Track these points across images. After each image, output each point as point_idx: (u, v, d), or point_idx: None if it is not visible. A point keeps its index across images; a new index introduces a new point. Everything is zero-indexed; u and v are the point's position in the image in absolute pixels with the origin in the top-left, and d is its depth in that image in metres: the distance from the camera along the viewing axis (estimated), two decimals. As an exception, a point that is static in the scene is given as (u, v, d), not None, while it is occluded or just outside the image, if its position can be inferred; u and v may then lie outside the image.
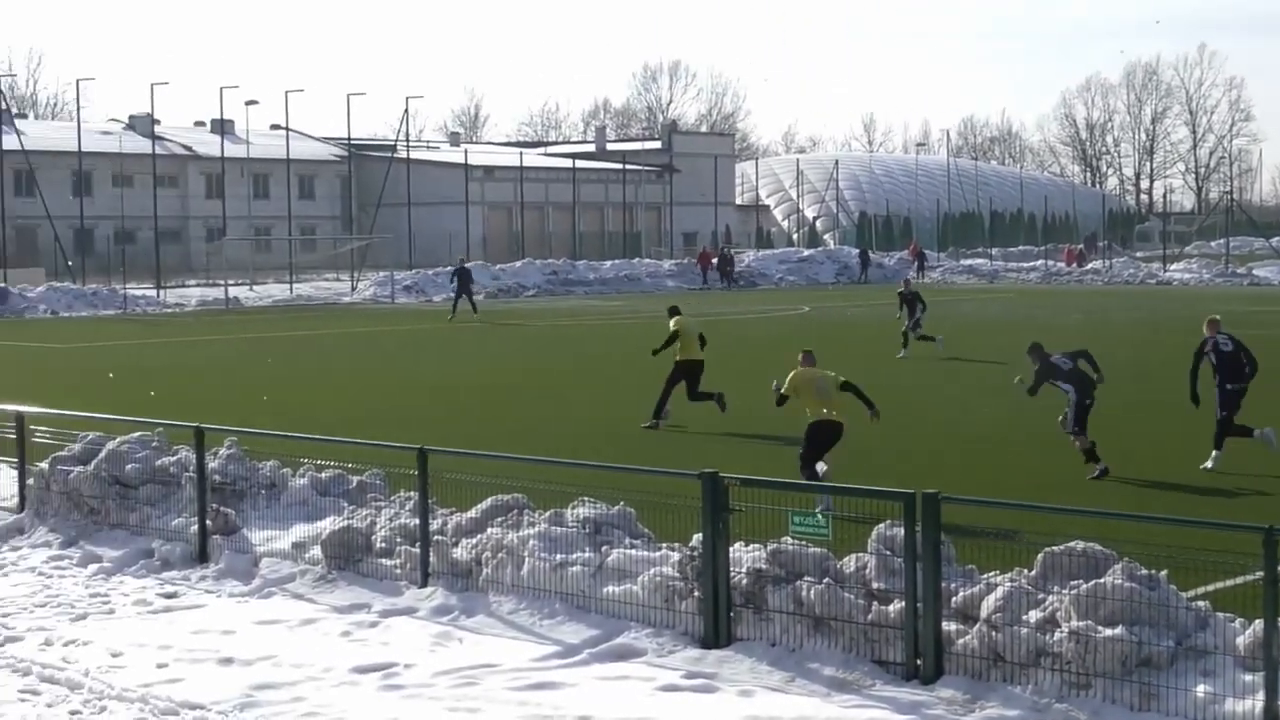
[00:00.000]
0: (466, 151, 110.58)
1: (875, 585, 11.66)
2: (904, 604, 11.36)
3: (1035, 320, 51.74)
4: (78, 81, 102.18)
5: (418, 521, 14.25)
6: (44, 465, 17.49)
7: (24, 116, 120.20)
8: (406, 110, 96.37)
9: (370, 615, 13.54)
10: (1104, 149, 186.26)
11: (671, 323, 25.79)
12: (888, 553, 11.71)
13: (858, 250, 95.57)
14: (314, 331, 50.41)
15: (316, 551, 14.81)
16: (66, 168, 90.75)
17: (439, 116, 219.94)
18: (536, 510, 14.03)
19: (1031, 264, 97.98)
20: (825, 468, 17.63)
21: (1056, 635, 10.75)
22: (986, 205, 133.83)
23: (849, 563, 11.94)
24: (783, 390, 18.04)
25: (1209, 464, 19.93)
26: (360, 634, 13.04)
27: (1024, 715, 10.55)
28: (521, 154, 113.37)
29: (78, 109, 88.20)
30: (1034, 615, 10.94)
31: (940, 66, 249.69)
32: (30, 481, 17.59)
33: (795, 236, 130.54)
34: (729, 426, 24.48)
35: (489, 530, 13.95)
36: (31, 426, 18.44)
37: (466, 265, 58.71)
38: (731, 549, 12.35)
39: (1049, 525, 11.79)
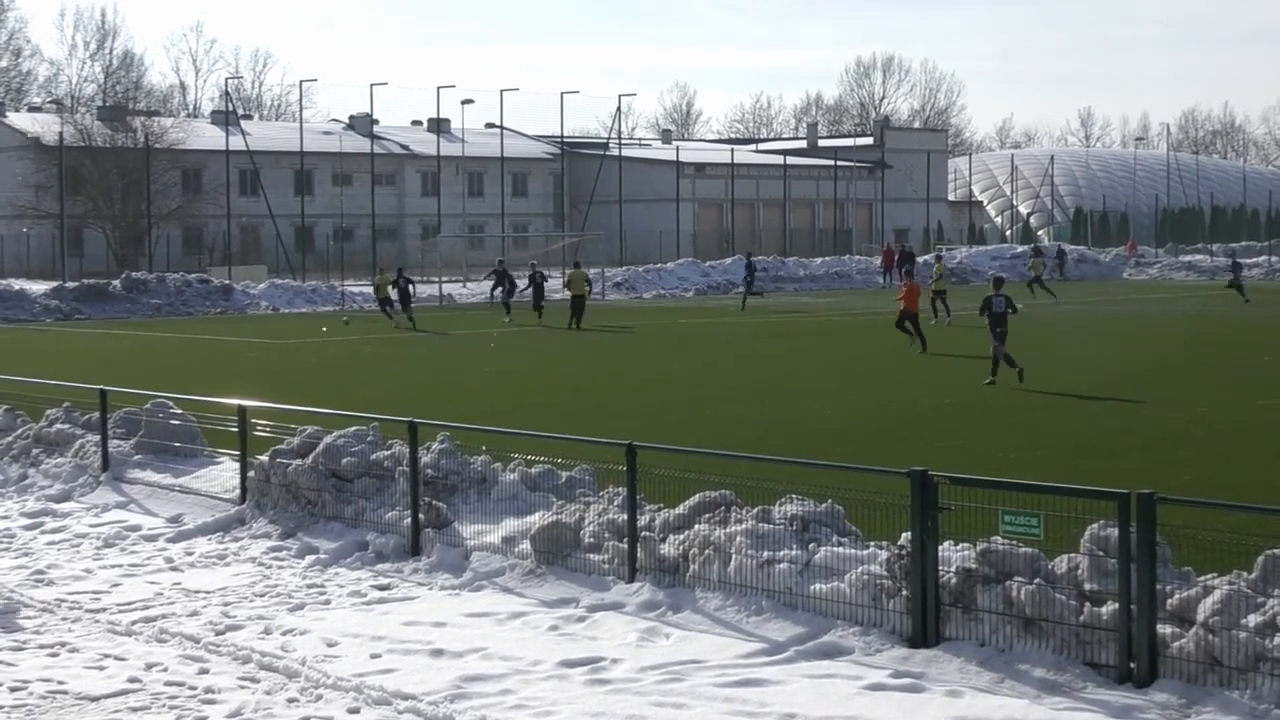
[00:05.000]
0: (678, 149, 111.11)
1: (1088, 586, 11.45)
2: (1117, 606, 11.14)
3: (1260, 318, 50.47)
4: (300, 83, 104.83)
5: (626, 517, 14.31)
6: (264, 458, 17.91)
7: (249, 118, 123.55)
8: (619, 108, 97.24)
9: (578, 610, 13.63)
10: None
11: None
12: (1101, 554, 11.49)
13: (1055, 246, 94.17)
14: (523, 327, 50.92)
15: (526, 546, 14.95)
16: (289, 167, 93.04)
17: (651, 114, 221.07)
18: (744, 507, 14.01)
19: (1254, 260, 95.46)
20: None
21: (1277, 640, 10.46)
22: (1207, 200, 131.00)
23: (1061, 563, 11.74)
24: None
25: None
26: (568, 628, 13.14)
27: (1242, 722, 10.30)
28: (733, 151, 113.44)
29: (300, 110, 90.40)
30: (1253, 619, 10.66)
31: (1160, 58, 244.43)
32: (251, 474, 18.03)
33: (1009, 233, 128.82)
34: (938, 424, 24.26)
35: (696, 526, 13.97)
36: (253, 420, 18.90)
37: (505, 266, 58.45)
38: (940, 548, 12.22)
39: (1270, 527, 11.47)
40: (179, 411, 20.98)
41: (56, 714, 11.14)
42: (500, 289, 56.22)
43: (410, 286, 53.00)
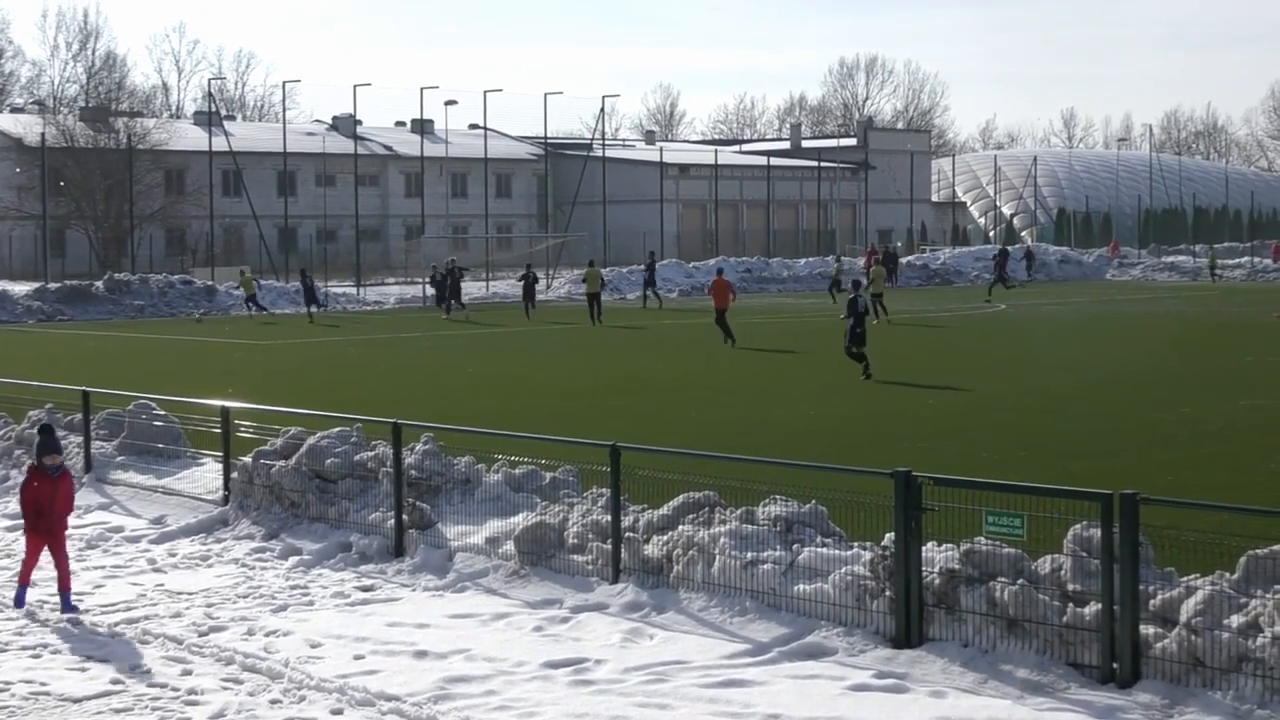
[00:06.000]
0: (662, 149, 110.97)
1: (1071, 587, 11.47)
2: (1100, 606, 11.15)
3: (1238, 317, 50.60)
4: (284, 84, 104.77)
5: (610, 518, 14.31)
6: (247, 459, 17.88)
7: (232, 118, 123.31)
8: (603, 109, 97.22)
9: (562, 611, 13.63)
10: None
11: None
12: (1084, 554, 11.51)
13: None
14: (506, 329, 50.94)
15: (510, 547, 14.95)
16: (272, 168, 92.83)
17: (635, 115, 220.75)
18: (728, 508, 14.01)
19: (1237, 260, 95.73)
20: None
21: (1259, 640, 10.48)
22: (1190, 201, 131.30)
23: (1044, 563, 11.76)
24: None
25: None
26: (552, 629, 13.14)
27: (1224, 722, 10.31)
28: (716, 152, 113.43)
29: (283, 110, 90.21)
30: (1236, 620, 10.68)
31: (1143, 60, 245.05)
32: (235, 475, 18.00)
33: (992, 234, 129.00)
34: (922, 425, 24.28)
35: (680, 527, 13.97)
36: (236, 421, 18.87)
37: (459, 267, 60.77)
38: (924, 548, 12.23)
39: (1252, 528, 11.50)
40: (162, 413, 20.94)
41: (39, 715, 11.13)
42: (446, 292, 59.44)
43: (314, 285, 58.86)
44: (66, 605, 13.97)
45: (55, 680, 11.90)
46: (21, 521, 18.12)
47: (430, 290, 63.67)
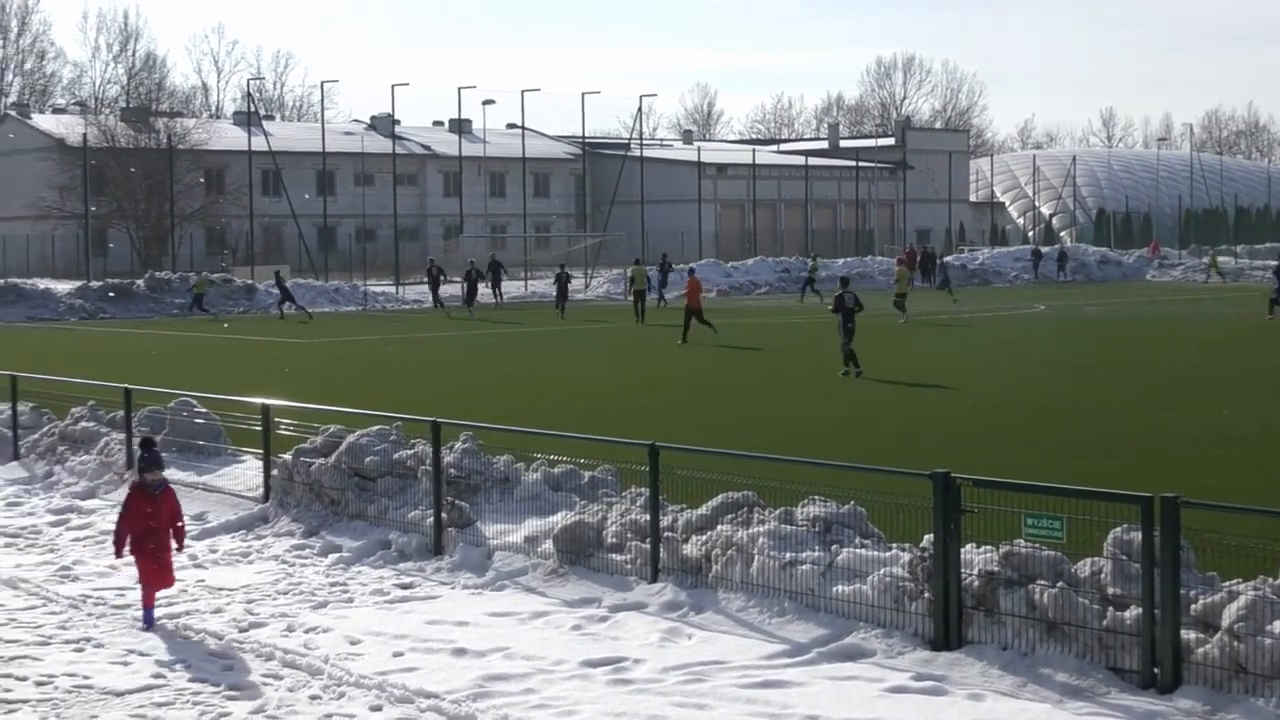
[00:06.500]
0: (700, 149, 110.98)
1: (1111, 590, 11.42)
2: (1141, 610, 11.10)
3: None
4: (322, 84, 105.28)
5: (649, 517, 14.31)
6: (287, 457, 17.95)
7: (271, 118, 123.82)
8: (640, 108, 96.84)
9: (600, 610, 13.64)
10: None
11: None
12: (1124, 557, 11.46)
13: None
14: (546, 328, 51.02)
15: (548, 546, 14.96)
16: (311, 168, 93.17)
17: (672, 114, 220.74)
18: (767, 508, 14.00)
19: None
20: None
21: (1302, 646, 10.42)
22: (1231, 201, 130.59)
23: (1084, 567, 11.70)
24: None
25: None
26: (590, 628, 13.15)
27: (1266, 727, 10.25)
28: (754, 151, 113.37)
29: (322, 110, 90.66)
30: (1279, 625, 10.61)
31: (1183, 58, 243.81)
32: (275, 472, 18.07)
33: (1031, 234, 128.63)
34: (962, 428, 24.22)
35: (719, 527, 13.97)
36: (276, 419, 18.94)
37: (488, 264, 63.57)
38: (963, 550, 12.20)
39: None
40: (203, 410, 21.05)
41: (82, 708, 11.19)
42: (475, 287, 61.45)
43: (288, 286, 60.62)
44: (148, 619, 13.59)
45: (98, 674, 11.98)
46: (68, 517, 18.31)
47: (464, 287, 63.75)
